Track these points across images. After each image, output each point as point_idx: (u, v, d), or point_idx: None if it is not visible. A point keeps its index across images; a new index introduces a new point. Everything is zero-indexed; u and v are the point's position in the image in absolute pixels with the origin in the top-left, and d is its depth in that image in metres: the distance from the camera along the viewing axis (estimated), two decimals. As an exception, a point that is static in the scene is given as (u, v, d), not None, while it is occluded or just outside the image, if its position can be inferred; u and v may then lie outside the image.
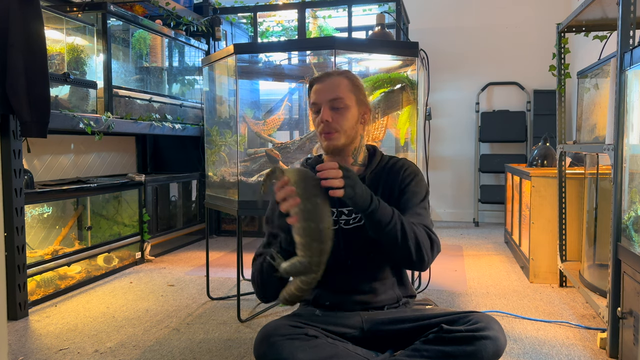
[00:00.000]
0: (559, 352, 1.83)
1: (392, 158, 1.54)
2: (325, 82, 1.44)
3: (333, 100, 1.40)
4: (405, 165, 1.50)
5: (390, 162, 1.52)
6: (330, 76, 1.45)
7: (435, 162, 4.95)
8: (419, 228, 1.33)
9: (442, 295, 2.52)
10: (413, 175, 1.47)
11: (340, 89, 1.42)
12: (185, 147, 4.20)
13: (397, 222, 1.27)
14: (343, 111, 1.41)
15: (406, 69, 2.41)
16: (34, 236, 2.76)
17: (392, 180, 1.47)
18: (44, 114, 2.15)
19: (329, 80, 1.44)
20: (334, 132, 1.41)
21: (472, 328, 1.24)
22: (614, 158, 1.73)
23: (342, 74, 1.46)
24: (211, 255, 3.42)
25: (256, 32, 4.28)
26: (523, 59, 4.81)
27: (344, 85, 1.43)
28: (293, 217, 1.18)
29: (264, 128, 2.63)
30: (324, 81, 1.44)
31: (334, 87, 1.42)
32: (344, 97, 1.41)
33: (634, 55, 1.63)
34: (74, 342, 1.99)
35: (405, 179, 1.46)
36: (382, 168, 1.50)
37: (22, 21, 2.07)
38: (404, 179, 1.46)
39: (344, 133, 1.41)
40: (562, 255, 2.63)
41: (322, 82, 1.44)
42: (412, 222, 1.34)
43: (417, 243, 1.29)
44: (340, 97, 1.40)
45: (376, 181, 1.48)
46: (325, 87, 1.43)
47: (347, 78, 1.45)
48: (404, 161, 1.52)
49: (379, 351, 1.36)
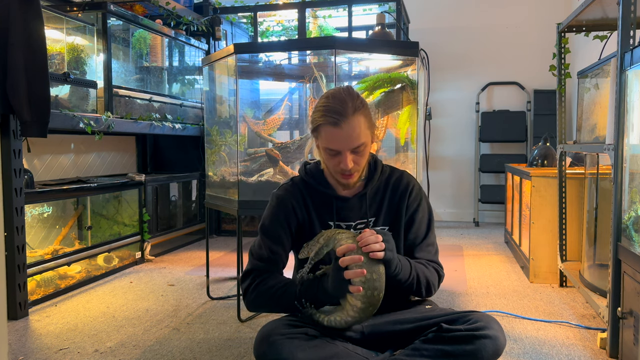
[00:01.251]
0: (559, 352, 1.83)
1: (393, 171, 1.51)
2: (343, 127, 1.31)
3: (357, 147, 1.34)
4: (409, 186, 1.48)
5: (393, 177, 1.49)
6: (346, 118, 1.31)
7: (435, 162, 4.95)
8: (430, 269, 1.42)
9: (442, 295, 2.52)
10: (419, 199, 1.48)
11: (361, 134, 1.33)
12: (185, 147, 4.20)
13: (414, 277, 1.37)
14: (363, 151, 1.37)
15: (406, 69, 2.40)
16: (34, 236, 2.76)
17: (398, 202, 1.46)
18: (44, 113, 2.15)
19: (347, 125, 1.31)
20: (355, 173, 1.39)
21: (471, 327, 1.24)
22: (614, 158, 1.73)
23: (357, 110, 1.33)
24: (211, 255, 3.42)
25: (256, 31, 4.28)
26: (523, 59, 4.81)
27: (362, 126, 1.33)
28: (358, 286, 1.24)
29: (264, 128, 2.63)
30: (341, 127, 1.31)
31: (355, 134, 1.32)
32: (365, 141, 1.35)
33: (634, 55, 1.62)
34: (74, 341, 1.99)
35: (411, 204, 1.47)
36: (384, 184, 1.48)
37: (22, 21, 2.07)
38: (410, 205, 1.47)
39: (362, 168, 1.41)
40: (562, 255, 2.63)
41: (340, 128, 1.32)
42: (423, 262, 1.42)
43: (428, 285, 1.41)
44: (362, 143, 1.35)
45: (379, 198, 1.46)
46: (344, 134, 1.32)
47: (362, 115, 1.34)
48: (408, 179, 1.50)
49: (379, 351, 1.36)
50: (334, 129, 1.32)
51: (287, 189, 1.49)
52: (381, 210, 1.45)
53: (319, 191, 1.46)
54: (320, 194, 1.46)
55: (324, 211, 1.46)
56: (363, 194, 1.45)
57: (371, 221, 1.46)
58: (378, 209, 1.46)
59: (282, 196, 1.48)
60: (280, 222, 1.45)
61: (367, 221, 1.45)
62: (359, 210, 1.45)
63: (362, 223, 1.45)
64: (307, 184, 1.48)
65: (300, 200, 1.46)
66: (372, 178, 1.46)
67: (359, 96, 1.38)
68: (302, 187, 1.48)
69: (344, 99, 1.34)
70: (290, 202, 1.46)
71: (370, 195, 1.46)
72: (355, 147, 1.34)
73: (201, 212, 4.10)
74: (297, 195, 1.47)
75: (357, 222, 1.46)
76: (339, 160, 1.35)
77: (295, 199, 1.46)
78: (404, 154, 2.45)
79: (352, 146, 1.33)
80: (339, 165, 1.35)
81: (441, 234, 4.30)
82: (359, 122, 1.33)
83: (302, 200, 1.46)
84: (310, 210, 1.46)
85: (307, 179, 1.47)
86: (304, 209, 1.46)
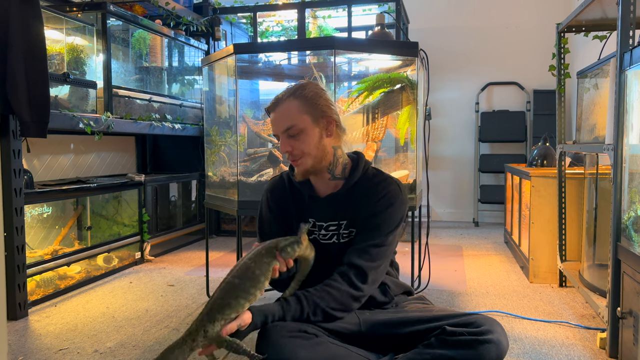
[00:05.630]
0: (559, 352, 1.83)
1: (376, 175, 1.45)
2: (276, 110, 1.39)
3: (287, 130, 1.36)
4: (382, 192, 1.40)
5: (373, 180, 1.44)
6: (280, 102, 1.39)
7: (435, 162, 4.95)
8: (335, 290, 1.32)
9: (442, 295, 2.52)
10: (386, 206, 1.39)
11: (291, 116, 1.36)
12: (185, 147, 4.20)
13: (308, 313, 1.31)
14: (300, 136, 1.36)
15: (406, 69, 2.41)
16: (34, 236, 2.76)
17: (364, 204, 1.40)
18: (44, 113, 2.15)
19: (279, 108, 1.38)
20: (298, 159, 1.38)
21: (475, 332, 1.23)
22: (613, 158, 1.73)
23: (292, 94, 1.38)
24: (211, 255, 3.42)
25: (256, 32, 4.28)
26: (523, 59, 4.81)
27: (294, 109, 1.36)
28: None
29: (264, 128, 2.63)
30: (275, 109, 1.39)
31: (285, 115, 1.37)
32: (297, 123, 1.35)
33: (634, 55, 1.63)
34: (73, 342, 1.99)
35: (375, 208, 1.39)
36: (361, 185, 1.43)
37: (22, 21, 2.07)
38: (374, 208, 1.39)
39: (309, 156, 1.38)
40: (561, 255, 2.63)
41: (274, 111, 1.39)
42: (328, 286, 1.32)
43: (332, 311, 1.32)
44: (292, 125, 1.35)
45: (348, 199, 1.43)
46: (277, 116, 1.38)
47: (296, 98, 1.37)
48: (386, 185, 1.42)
49: (381, 353, 1.36)
50: (271, 114, 1.41)
51: (274, 183, 1.56)
52: (350, 213, 1.42)
53: (297, 188, 1.49)
54: (298, 191, 1.49)
55: (301, 208, 1.49)
56: (336, 195, 1.44)
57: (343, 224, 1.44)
58: (348, 211, 1.43)
59: (268, 190, 1.55)
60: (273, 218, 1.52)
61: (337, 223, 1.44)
62: (331, 210, 1.45)
63: (334, 225, 1.45)
64: (290, 180, 1.51)
65: (283, 194, 1.51)
66: (352, 176, 1.44)
67: (307, 87, 1.40)
68: (287, 182, 1.52)
69: (290, 88, 1.40)
70: (275, 195, 1.52)
71: (344, 197, 1.43)
72: (285, 129, 1.36)
73: (201, 212, 4.10)
74: (281, 188, 1.52)
75: (329, 224, 1.45)
76: (280, 146, 1.40)
77: (279, 192, 1.52)
78: (403, 154, 2.46)
79: (282, 127, 1.37)
80: (282, 151, 1.40)
81: (441, 234, 4.30)
82: (291, 106, 1.37)
83: (284, 195, 1.51)
84: (289, 206, 1.51)
85: (290, 175, 1.50)
86: (286, 203, 1.51)
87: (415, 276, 2.56)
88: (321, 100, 1.39)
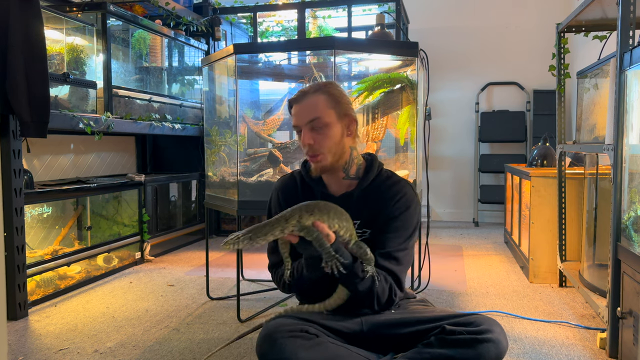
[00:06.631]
0: (559, 352, 1.83)
1: (390, 177, 1.47)
2: (302, 102, 1.40)
3: (312, 121, 1.36)
4: (398, 194, 1.41)
5: (387, 181, 1.45)
6: (306, 95, 1.40)
7: (435, 162, 4.96)
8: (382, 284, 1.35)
9: (442, 295, 2.52)
10: (404, 209, 1.40)
11: (317, 109, 1.37)
12: (185, 147, 4.20)
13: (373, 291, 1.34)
14: (324, 130, 1.37)
15: (406, 69, 2.41)
16: (34, 236, 2.76)
17: (381, 208, 1.41)
18: (44, 113, 2.15)
19: (306, 101, 1.39)
20: (319, 155, 1.38)
21: (474, 331, 1.23)
22: (613, 158, 1.73)
23: (319, 89, 1.40)
24: (211, 255, 3.42)
25: (256, 32, 4.28)
26: (523, 59, 4.81)
27: (321, 103, 1.37)
28: None
29: (264, 128, 2.63)
30: (300, 102, 1.40)
31: (311, 108, 1.37)
32: (322, 116, 1.36)
33: (634, 55, 1.63)
34: (73, 342, 1.99)
35: (393, 211, 1.40)
36: (376, 186, 1.44)
37: (22, 21, 2.07)
38: (391, 212, 1.40)
39: (329, 152, 1.38)
40: (561, 255, 2.63)
41: (299, 103, 1.40)
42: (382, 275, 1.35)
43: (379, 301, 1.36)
44: (318, 117, 1.36)
45: (363, 200, 1.43)
46: (302, 108, 1.39)
47: (324, 93, 1.39)
48: (401, 188, 1.43)
49: (381, 353, 1.36)
50: (296, 106, 1.41)
51: (284, 181, 1.55)
52: (365, 213, 1.42)
53: (310, 186, 1.49)
54: (311, 190, 1.49)
55: None
56: (350, 194, 1.44)
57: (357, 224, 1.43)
58: (363, 211, 1.43)
59: (278, 188, 1.55)
60: None
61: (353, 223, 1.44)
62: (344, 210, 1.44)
63: None
64: (302, 179, 1.51)
65: (294, 192, 1.50)
66: (366, 177, 1.44)
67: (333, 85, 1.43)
68: (299, 181, 1.52)
69: (315, 84, 1.42)
70: (286, 193, 1.51)
71: (357, 197, 1.43)
72: (310, 120, 1.37)
73: (201, 212, 4.10)
74: (292, 187, 1.52)
75: None
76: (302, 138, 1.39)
77: (290, 189, 1.52)
78: (403, 154, 2.46)
79: (307, 119, 1.37)
80: (303, 144, 1.39)
81: (441, 234, 4.30)
82: (318, 99, 1.38)
83: (295, 193, 1.50)
84: None
85: (303, 173, 1.50)
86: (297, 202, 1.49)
87: (415, 276, 2.56)
88: (345, 99, 1.42)
